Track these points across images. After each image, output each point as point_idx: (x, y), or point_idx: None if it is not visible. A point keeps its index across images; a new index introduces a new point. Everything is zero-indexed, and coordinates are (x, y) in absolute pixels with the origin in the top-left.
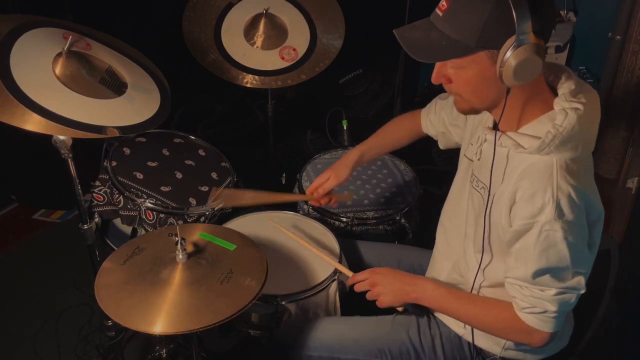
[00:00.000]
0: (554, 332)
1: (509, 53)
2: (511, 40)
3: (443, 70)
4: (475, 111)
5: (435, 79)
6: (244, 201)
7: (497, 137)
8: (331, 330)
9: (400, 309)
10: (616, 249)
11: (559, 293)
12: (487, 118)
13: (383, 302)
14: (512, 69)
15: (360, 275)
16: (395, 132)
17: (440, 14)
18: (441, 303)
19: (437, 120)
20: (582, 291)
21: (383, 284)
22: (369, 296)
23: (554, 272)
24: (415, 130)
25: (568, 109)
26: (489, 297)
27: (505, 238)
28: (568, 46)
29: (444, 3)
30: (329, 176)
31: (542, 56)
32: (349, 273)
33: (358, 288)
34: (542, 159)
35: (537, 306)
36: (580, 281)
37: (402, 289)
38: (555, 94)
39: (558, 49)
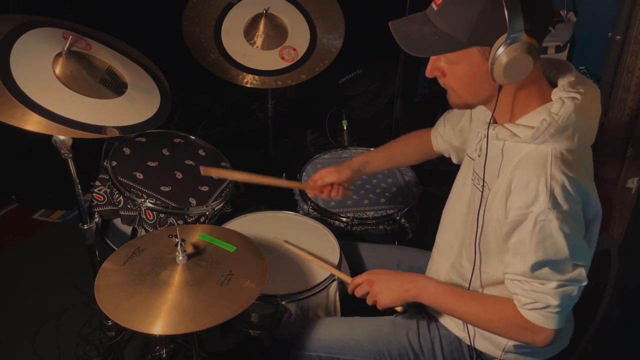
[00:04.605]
0: (557, 330)
1: (500, 50)
2: (503, 38)
3: (437, 64)
4: (469, 106)
5: (429, 72)
6: (234, 177)
7: (494, 129)
8: (331, 331)
9: (399, 309)
10: (616, 249)
11: (560, 286)
12: (488, 114)
13: (382, 301)
14: (503, 67)
15: (359, 278)
16: (403, 146)
17: (435, 8)
18: (442, 301)
19: (447, 132)
20: (584, 283)
21: (381, 281)
22: (369, 299)
23: (553, 264)
24: (424, 148)
25: (565, 98)
26: (493, 294)
27: (502, 231)
28: (568, 46)
29: None
30: (330, 171)
31: (534, 55)
32: (348, 279)
33: (358, 292)
34: (538, 149)
35: (539, 301)
36: (581, 273)
37: (401, 286)
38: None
39: (558, 49)
